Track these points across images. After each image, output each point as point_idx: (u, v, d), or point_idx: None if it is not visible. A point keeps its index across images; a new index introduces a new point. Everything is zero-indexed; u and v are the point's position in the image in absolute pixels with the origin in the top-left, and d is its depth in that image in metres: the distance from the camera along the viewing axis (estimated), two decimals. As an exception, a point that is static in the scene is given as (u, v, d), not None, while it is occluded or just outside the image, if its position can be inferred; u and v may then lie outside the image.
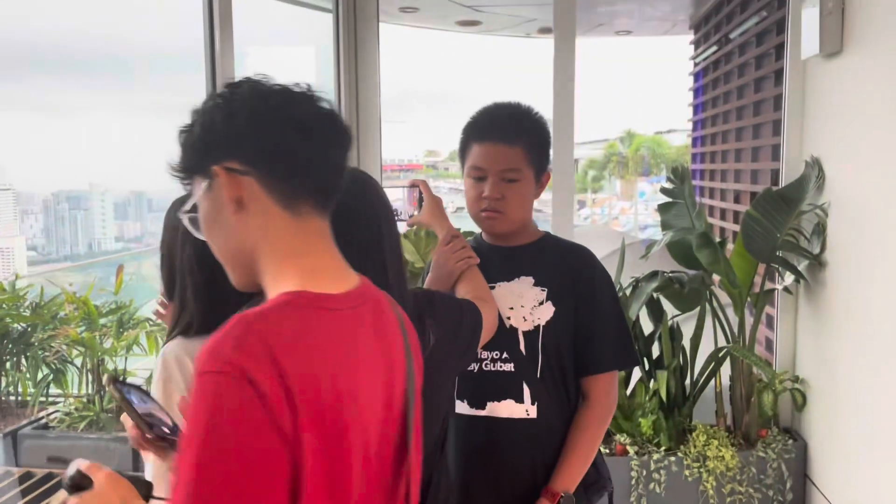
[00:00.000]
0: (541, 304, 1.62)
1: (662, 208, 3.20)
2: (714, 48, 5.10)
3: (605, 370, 1.65)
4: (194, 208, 0.98)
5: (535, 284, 1.64)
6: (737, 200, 4.53)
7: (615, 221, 22.46)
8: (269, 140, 0.91)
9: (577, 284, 1.64)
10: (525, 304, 1.62)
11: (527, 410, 1.60)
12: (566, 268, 1.65)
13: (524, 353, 1.61)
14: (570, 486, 1.58)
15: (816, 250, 2.92)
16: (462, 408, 1.64)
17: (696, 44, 5.71)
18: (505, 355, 1.60)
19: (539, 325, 1.61)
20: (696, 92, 5.77)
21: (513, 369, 1.60)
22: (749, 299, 3.14)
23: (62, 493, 0.95)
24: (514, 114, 1.67)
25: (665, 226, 3.16)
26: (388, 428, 0.99)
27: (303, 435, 0.81)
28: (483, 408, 1.61)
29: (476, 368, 1.62)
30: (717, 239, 3.14)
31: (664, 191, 3.23)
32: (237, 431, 0.78)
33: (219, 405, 0.78)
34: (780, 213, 2.93)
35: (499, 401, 1.60)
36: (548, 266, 1.66)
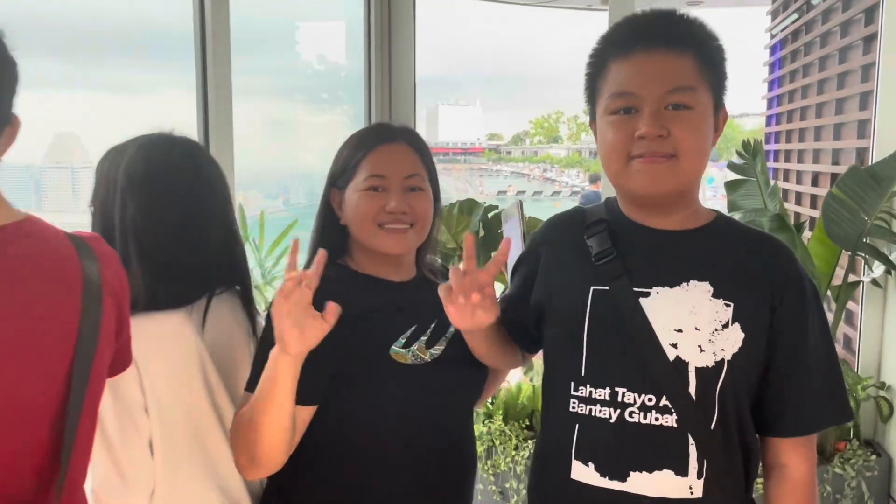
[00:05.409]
0: (724, 326, 1.09)
1: (730, 186, 2.94)
2: (794, 16, 4.80)
3: (810, 431, 1.16)
4: None
5: (715, 296, 1.10)
6: (815, 183, 4.33)
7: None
8: None
9: (776, 300, 1.11)
10: (701, 326, 1.09)
11: (690, 487, 1.09)
12: (760, 271, 1.13)
13: (695, 398, 1.08)
14: None
15: (912, 237, 2.70)
16: (585, 474, 1.13)
17: (774, 13, 5.39)
18: (664, 402, 1.08)
19: (724, 360, 1.09)
20: (773, 66, 5.46)
21: (675, 424, 1.08)
22: (829, 293, 2.89)
23: None
24: (676, 15, 1.13)
25: (732, 206, 2.91)
26: (48, 380, 0.96)
27: None
28: (623, 479, 1.10)
29: (613, 416, 1.11)
30: (792, 224, 2.90)
31: (732, 167, 2.96)
32: None
33: None
34: (870, 194, 2.72)
35: (650, 471, 1.09)
36: (732, 266, 1.13)
